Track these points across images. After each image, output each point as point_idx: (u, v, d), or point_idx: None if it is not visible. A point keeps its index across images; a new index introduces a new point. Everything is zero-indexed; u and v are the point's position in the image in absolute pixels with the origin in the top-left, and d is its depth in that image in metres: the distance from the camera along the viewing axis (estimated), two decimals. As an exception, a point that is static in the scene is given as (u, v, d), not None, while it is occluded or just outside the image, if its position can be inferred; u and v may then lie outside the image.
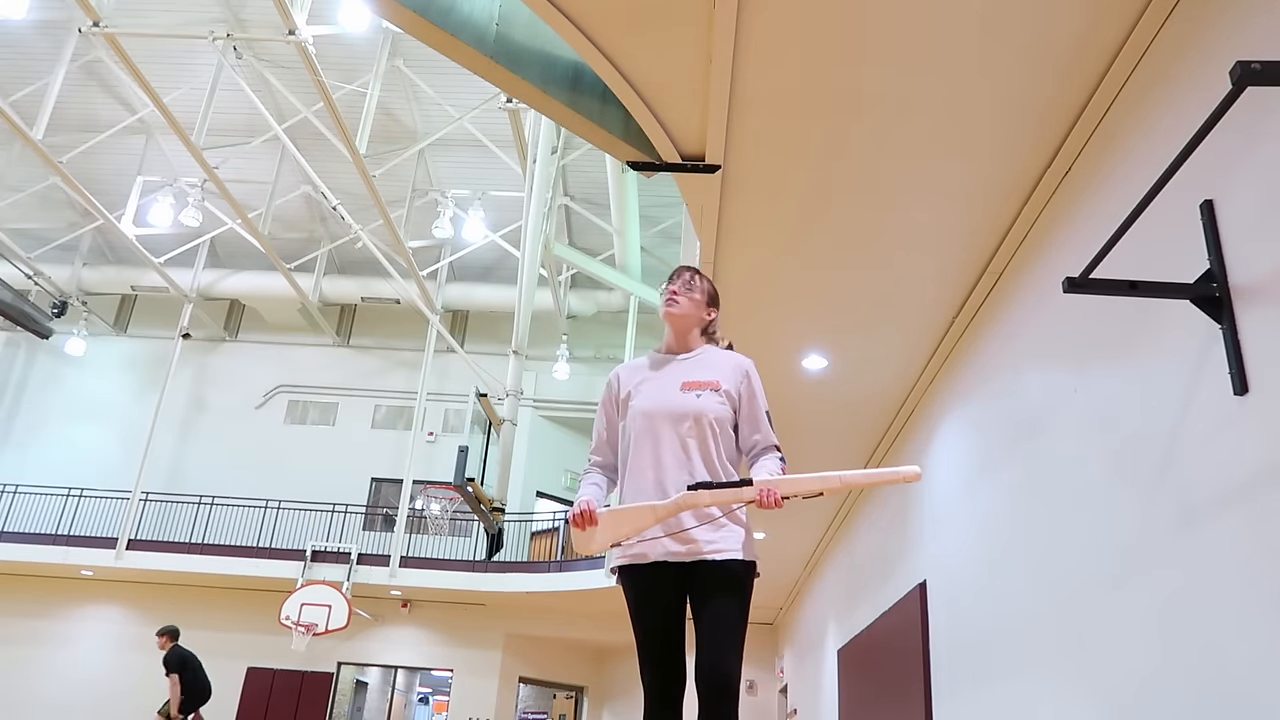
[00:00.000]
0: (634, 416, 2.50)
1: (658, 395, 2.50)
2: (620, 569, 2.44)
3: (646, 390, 2.53)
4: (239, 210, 15.08)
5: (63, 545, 16.48)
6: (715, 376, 2.52)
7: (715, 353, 2.62)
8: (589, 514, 2.30)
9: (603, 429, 2.60)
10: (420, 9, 4.01)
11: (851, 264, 4.96)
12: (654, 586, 2.39)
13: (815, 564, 11.52)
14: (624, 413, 2.55)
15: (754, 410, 2.53)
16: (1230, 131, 2.71)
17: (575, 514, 2.30)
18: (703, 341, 2.64)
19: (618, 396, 2.59)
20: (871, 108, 3.83)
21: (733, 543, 2.40)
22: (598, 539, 2.30)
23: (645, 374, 2.58)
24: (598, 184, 15.87)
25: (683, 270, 2.65)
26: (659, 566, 2.39)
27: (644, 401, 2.50)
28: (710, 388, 2.49)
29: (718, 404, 2.48)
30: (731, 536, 2.40)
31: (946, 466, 5.75)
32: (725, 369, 2.55)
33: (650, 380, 2.55)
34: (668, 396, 2.48)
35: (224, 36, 13.22)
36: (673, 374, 2.54)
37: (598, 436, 2.60)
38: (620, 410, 2.57)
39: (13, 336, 19.52)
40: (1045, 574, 4.06)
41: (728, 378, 2.53)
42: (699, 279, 2.65)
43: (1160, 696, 3.00)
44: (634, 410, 2.51)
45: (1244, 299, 2.64)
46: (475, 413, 10.50)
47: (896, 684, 6.67)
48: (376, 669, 19.12)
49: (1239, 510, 2.61)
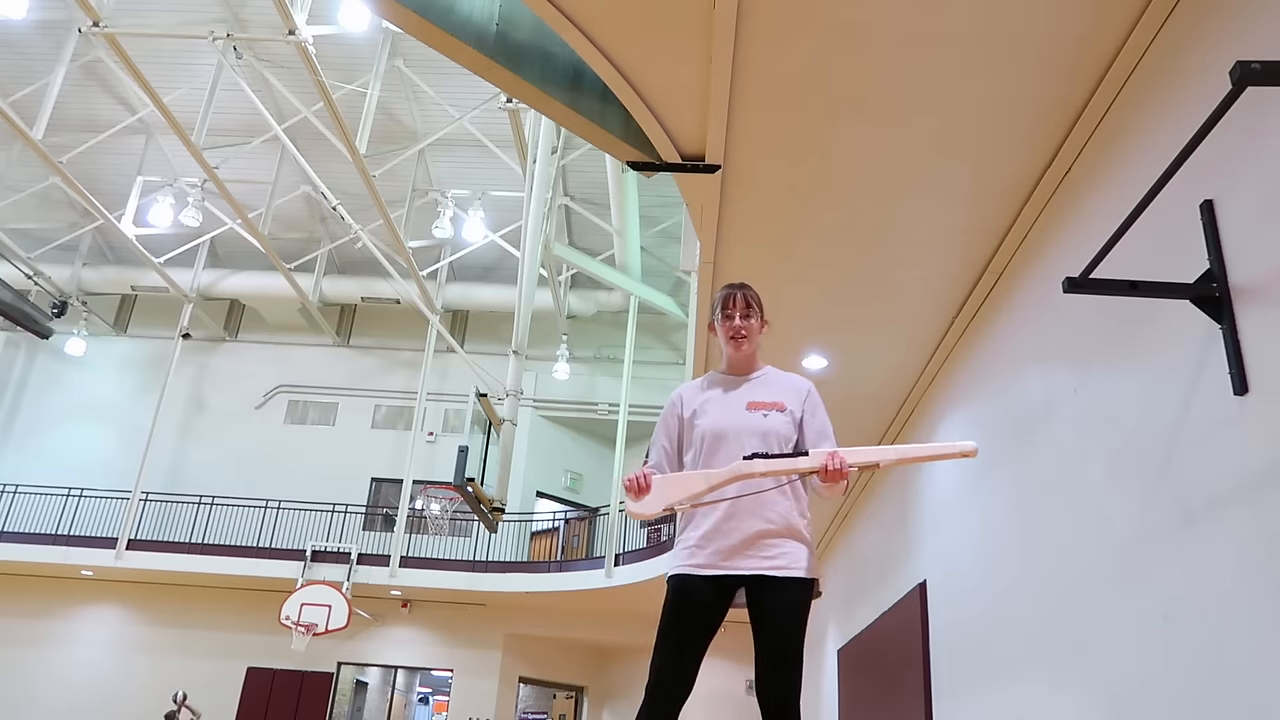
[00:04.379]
0: (700, 436, 2.51)
1: (725, 415, 2.52)
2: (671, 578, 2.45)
3: (712, 410, 2.54)
4: (239, 210, 15.08)
5: (63, 545, 16.48)
6: (779, 397, 2.56)
7: (776, 373, 2.66)
8: (644, 477, 2.31)
9: (665, 444, 2.59)
10: (420, 9, 4.01)
11: (851, 264, 4.96)
12: (704, 595, 2.40)
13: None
14: (688, 432, 2.56)
15: (820, 423, 2.57)
16: (1230, 131, 2.70)
17: (631, 478, 2.31)
18: (762, 362, 2.67)
19: (681, 415, 2.60)
20: (871, 108, 3.83)
21: (799, 560, 2.41)
22: (650, 502, 2.30)
23: (709, 394, 2.59)
24: (598, 184, 15.87)
25: (734, 293, 2.61)
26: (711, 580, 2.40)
27: (711, 421, 2.51)
28: (776, 408, 2.52)
29: (784, 423, 2.50)
30: (798, 553, 2.42)
31: (947, 466, 5.75)
32: (788, 390, 2.59)
33: (715, 400, 2.57)
34: (735, 417, 2.50)
35: (224, 36, 13.21)
36: (738, 395, 2.57)
37: (661, 452, 2.59)
38: (684, 429, 2.58)
39: (13, 336, 19.51)
40: (1045, 574, 4.06)
41: (791, 399, 2.57)
42: (752, 297, 2.61)
43: (1160, 696, 3.00)
44: (700, 429, 2.52)
45: (1244, 299, 2.64)
46: (475, 413, 10.50)
47: (896, 684, 6.67)
48: (376, 669, 19.11)
49: (1239, 510, 2.61)
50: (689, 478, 2.33)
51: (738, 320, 2.58)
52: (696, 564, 2.41)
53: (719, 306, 2.61)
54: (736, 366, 2.63)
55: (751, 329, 2.59)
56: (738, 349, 2.60)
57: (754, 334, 2.60)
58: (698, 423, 2.53)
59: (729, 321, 2.58)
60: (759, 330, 2.62)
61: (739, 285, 2.64)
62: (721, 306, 2.60)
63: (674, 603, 2.41)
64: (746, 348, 2.60)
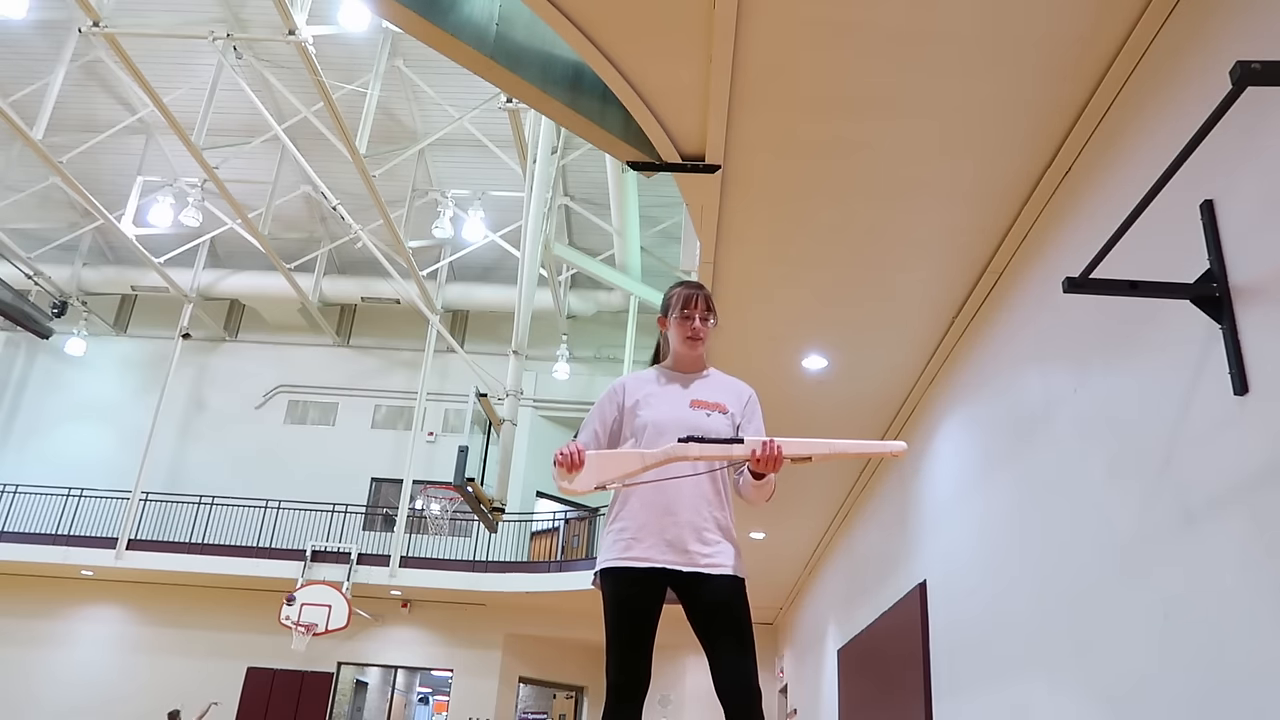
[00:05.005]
0: (642, 426, 2.53)
1: (669, 409, 2.54)
2: (606, 571, 2.45)
3: (656, 404, 2.56)
4: (239, 210, 15.08)
5: (63, 545, 16.48)
6: (722, 399, 2.59)
7: (720, 376, 2.68)
8: (577, 452, 2.28)
9: (597, 428, 2.60)
10: (420, 9, 4.01)
11: (851, 264, 4.96)
12: (642, 592, 2.41)
13: (815, 564, 11.52)
14: (629, 421, 2.58)
15: (756, 429, 2.59)
16: (1230, 131, 2.71)
17: (562, 453, 2.28)
18: (707, 363, 2.70)
19: (622, 404, 2.61)
20: (871, 108, 3.83)
21: (729, 559, 2.44)
22: (583, 478, 2.27)
23: (654, 387, 2.62)
24: (598, 184, 15.86)
25: (696, 294, 2.64)
26: (650, 574, 2.41)
27: (654, 413, 2.54)
28: (719, 409, 2.55)
29: (724, 425, 2.53)
30: (728, 552, 2.45)
31: (947, 466, 5.75)
32: (730, 394, 2.62)
33: (659, 394, 2.59)
34: (679, 412, 2.53)
35: (224, 36, 13.21)
36: (683, 392, 2.60)
37: (592, 435, 2.59)
38: (624, 417, 2.59)
39: (13, 336, 19.51)
40: (1045, 574, 4.06)
41: (732, 402, 2.60)
42: (710, 300, 2.66)
43: (1159, 696, 3.00)
44: (643, 419, 2.54)
45: (1244, 299, 2.64)
46: (475, 413, 10.49)
47: (896, 684, 6.67)
48: (376, 669, 19.12)
49: (1239, 510, 2.61)
50: (624, 456, 2.31)
51: (697, 322, 2.61)
52: (633, 556, 2.41)
53: (679, 305, 2.62)
54: (686, 365, 2.65)
55: (708, 332, 2.63)
56: (693, 349, 2.63)
57: (708, 337, 2.64)
58: (640, 413, 2.55)
59: (689, 323, 2.61)
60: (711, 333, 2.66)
61: (698, 286, 2.68)
62: (682, 306, 2.62)
63: (620, 600, 2.41)
64: (700, 349, 2.64)
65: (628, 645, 2.37)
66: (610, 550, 2.46)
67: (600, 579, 2.47)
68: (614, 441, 2.59)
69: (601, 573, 2.47)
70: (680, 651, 15.71)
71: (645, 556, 2.41)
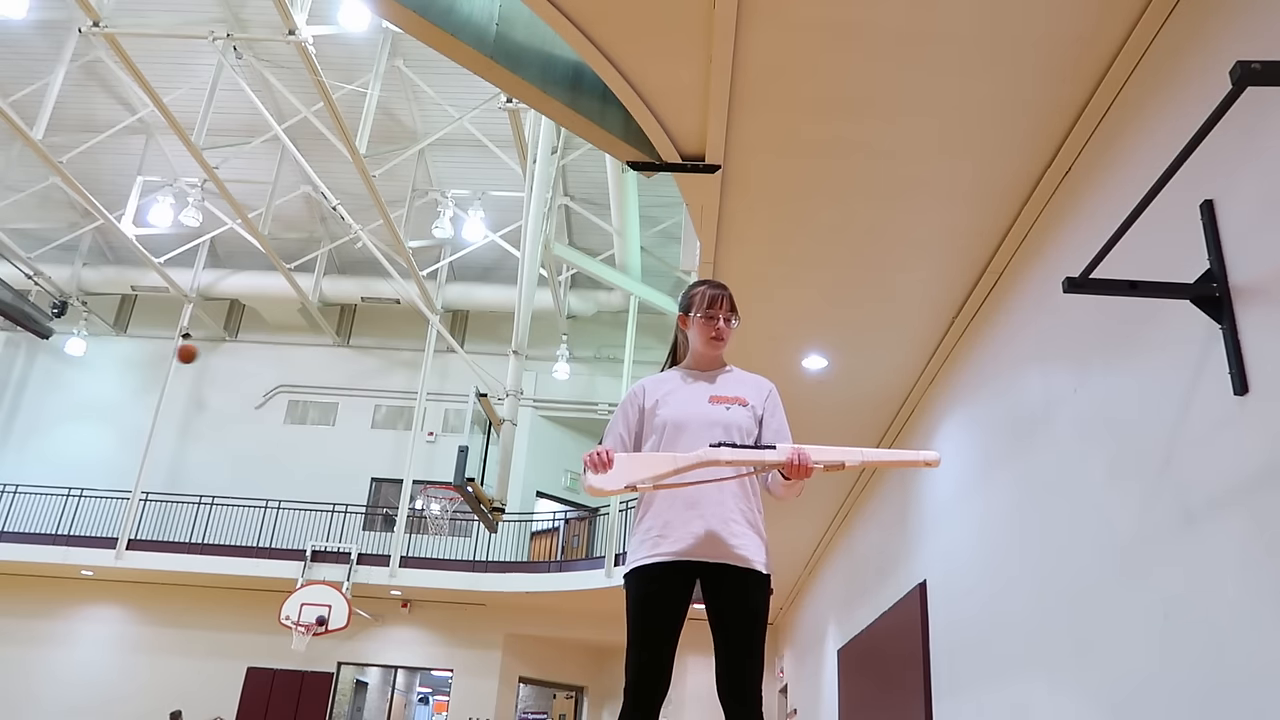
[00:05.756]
0: (661, 424, 2.52)
1: (687, 406, 2.53)
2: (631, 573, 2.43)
3: (674, 401, 2.56)
4: (239, 210, 15.08)
5: (63, 545, 16.49)
6: (742, 393, 2.58)
7: (740, 372, 2.68)
8: (607, 452, 2.29)
9: (622, 432, 2.59)
10: (420, 9, 4.01)
11: (851, 264, 4.95)
12: (664, 589, 2.39)
13: (815, 564, 11.52)
14: (649, 421, 2.57)
15: (779, 423, 2.58)
16: (1230, 131, 2.70)
17: (591, 455, 2.28)
18: (726, 361, 2.70)
19: (642, 406, 2.60)
20: (872, 108, 3.83)
21: (756, 552, 2.43)
22: (612, 478, 2.27)
23: (672, 386, 2.61)
24: (598, 184, 15.86)
25: (721, 294, 2.62)
26: (676, 565, 2.39)
27: (672, 411, 2.53)
28: (738, 403, 2.54)
29: (745, 417, 2.52)
30: (755, 546, 2.44)
31: (947, 466, 5.75)
32: (751, 387, 2.62)
33: (678, 392, 2.58)
34: (698, 408, 2.52)
35: (224, 36, 13.21)
36: (702, 388, 2.59)
37: (618, 439, 2.57)
38: (644, 418, 2.59)
39: (13, 336, 19.51)
40: (1045, 574, 4.06)
41: (753, 395, 2.59)
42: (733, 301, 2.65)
43: (1159, 696, 3.00)
44: (662, 418, 2.53)
45: (1244, 299, 2.64)
46: (475, 413, 10.49)
47: (896, 684, 6.67)
48: (376, 669, 19.12)
49: (1239, 510, 2.61)
50: (655, 458, 2.31)
51: (721, 323, 2.60)
52: (661, 553, 2.40)
53: (703, 304, 2.61)
54: (705, 364, 2.65)
55: (730, 332, 2.63)
56: (714, 349, 2.62)
57: (730, 337, 2.63)
58: (659, 412, 2.54)
59: (713, 323, 2.60)
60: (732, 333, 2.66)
61: (722, 286, 2.66)
62: (707, 305, 2.61)
63: (640, 598, 2.40)
64: (721, 349, 2.63)
65: (643, 645, 2.36)
66: (638, 550, 2.45)
67: (625, 581, 2.46)
68: (639, 445, 2.58)
69: (627, 576, 2.46)
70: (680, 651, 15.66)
71: (672, 551, 2.39)
